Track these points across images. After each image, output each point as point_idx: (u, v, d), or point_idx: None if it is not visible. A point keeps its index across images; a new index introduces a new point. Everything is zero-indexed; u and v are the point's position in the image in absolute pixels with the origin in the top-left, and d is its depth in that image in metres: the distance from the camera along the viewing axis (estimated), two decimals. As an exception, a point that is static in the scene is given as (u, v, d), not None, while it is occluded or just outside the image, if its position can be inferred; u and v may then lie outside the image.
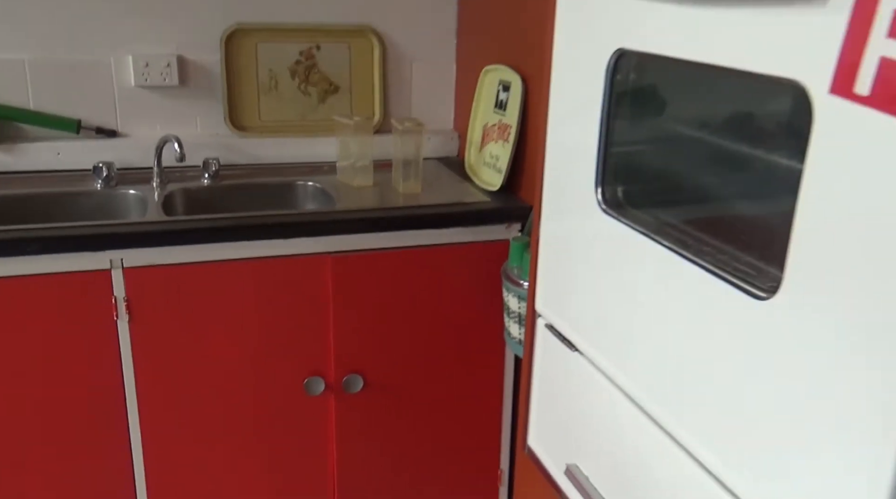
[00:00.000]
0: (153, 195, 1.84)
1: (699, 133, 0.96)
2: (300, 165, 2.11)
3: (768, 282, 0.75)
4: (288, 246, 1.68)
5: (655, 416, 0.93)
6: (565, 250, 1.11)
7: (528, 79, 1.81)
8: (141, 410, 1.67)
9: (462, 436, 1.95)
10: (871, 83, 0.60)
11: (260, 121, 2.10)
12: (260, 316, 1.69)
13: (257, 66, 2.06)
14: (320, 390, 1.78)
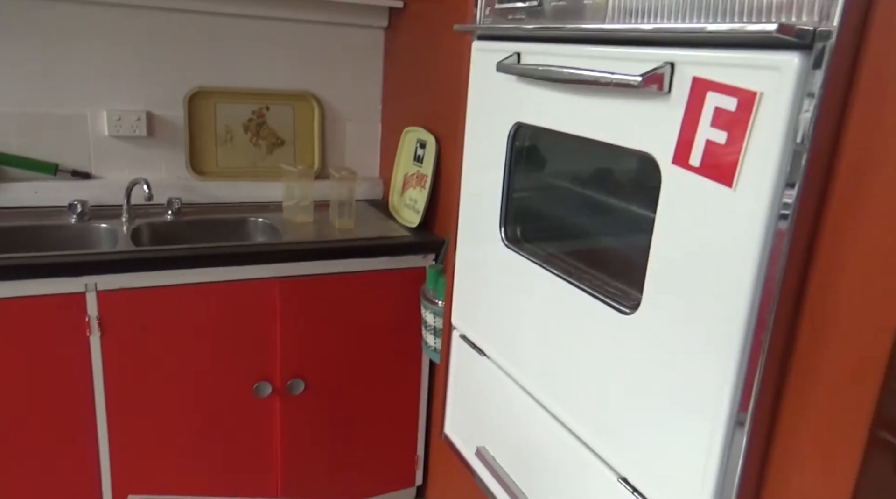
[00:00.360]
0: (122, 228, 1.80)
1: (578, 186, 1.05)
2: (251, 204, 2.10)
3: (631, 301, 0.83)
4: (242, 272, 1.67)
5: (546, 404, 0.99)
6: (476, 276, 1.17)
7: (440, 138, 1.89)
8: (109, 414, 1.62)
9: (386, 428, 1.98)
10: (701, 157, 0.70)
11: (217, 167, 2.09)
12: (217, 331, 1.68)
13: (215, 121, 2.05)
14: (267, 392, 1.77)
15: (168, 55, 1.96)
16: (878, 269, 0.58)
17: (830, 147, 0.61)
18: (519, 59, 0.99)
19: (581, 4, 0.88)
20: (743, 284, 0.66)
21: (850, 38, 0.57)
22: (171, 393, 1.67)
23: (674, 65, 0.72)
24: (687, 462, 0.75)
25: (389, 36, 2.18)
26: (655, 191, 0.76)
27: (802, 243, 0.63)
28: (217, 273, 1.64)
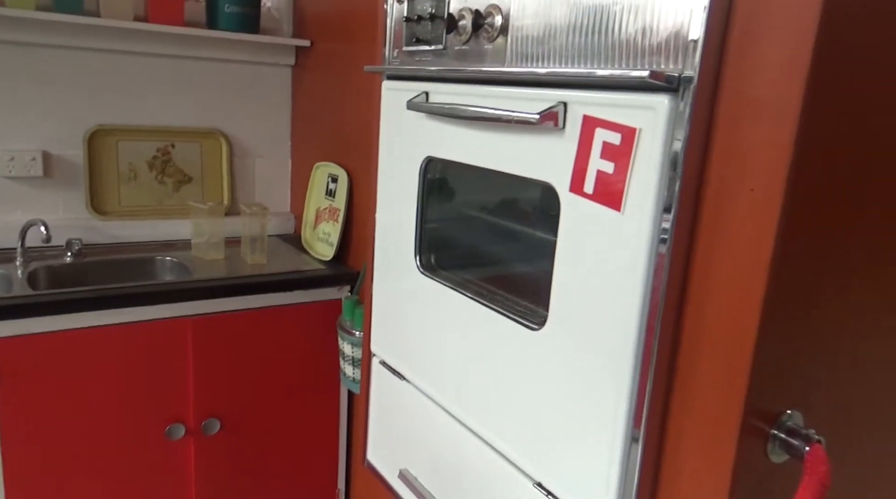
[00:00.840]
0: (17, 272, 1.71)
1: (488, 214, 1.12)
2: (158, 243, 2.05)
3: (539, 318, 0.90)
4: (150, 312, 1.63)
5: (464, 420, 1.05)
6: (393, 303, 1.22)
7: (352, 173, 1.93)
8: (6, 470, 1.52)
9: (305, 463, 1.96)
10: (593, 186, 0.78)
11: (120, 206, 2.03)
12: (125, 374, 1.62)
13: (118, 159, 2.00)
14: (180, 434, 1.72)
15: (67, 93, 1.90)
16: (738, 280, 0.68)
17: (698, 174, 0.71)
18: (427, 97, 1.06)
19: (482, 48, 0.96)
20: (632, 298, 0.74)
21: (707, 82, 0.68)
22: (77, 442, 1.59)
23: (566, 104, 0.81)
24: (592, 467, 0.81)
25: (297, 73, 2.21)
26: (556, 217, 0.84)
27: (681, 259, 0.73)
28: (123, 314, 1.59)
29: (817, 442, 0.70)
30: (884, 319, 0.80)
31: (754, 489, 0.72)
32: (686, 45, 0.68)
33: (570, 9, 0.81)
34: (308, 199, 2.10)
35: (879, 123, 0.70)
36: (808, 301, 0.71)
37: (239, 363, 1.77)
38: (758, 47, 0.65)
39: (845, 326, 0.76)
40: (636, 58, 0.74)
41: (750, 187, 0.66)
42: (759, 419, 0.71)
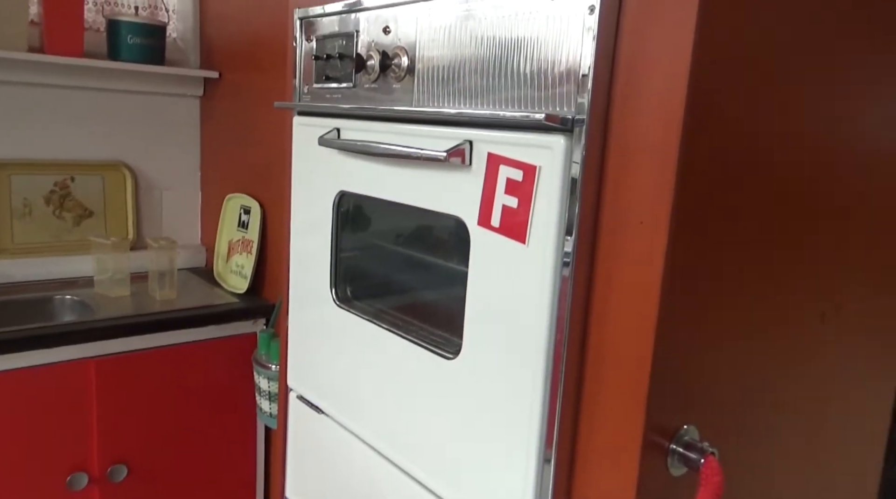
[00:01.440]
0: None
1: (403, 246, 1.14)
2: (56, 281, 1.94)
3: (454, 347, 0.92)
4: (48, 355, 1.54)
5: (383, 451, 1.05)
6: (309, 336, 1.21)
7: (265, 204, 1.91)
8: None
9: (222, 505, 1.88)
10: (500, 219, 0.82)
11: (13, 243, 1.91)
12: (23, 421, 1.51)
13: (10, 194, 1.89)
14: (83, 484, 1.62)
15: (-48, 125, 1.78)
16: (633, 306, 0.73)
17: (594, 208, 0.75)
18: (339, 134, 1.07)
19: (391, 87, 0.99)
20: (539, 326, 0.78)
21: (598, 124, 0.73)
22: (-36, 500, 1.47)
23: (472, 142, 0.84)
24: (508, 489, 0.84)
25: (206, 104, 2.17)
26: (467, 248, 0.87)
27: (581, 289, 0.77)
28: (19, 359, 1.50)
29: (711, 454, 0.76)
30: (770, 333, 0.87)
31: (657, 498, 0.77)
32: (577, 91, 0.73)
33: (472, 53, 0.85)
34: (220, 231, 2.05)
35: (746, 155, 0.77)
36: (698, 321, 0.77)
37: (148, 405, 1.69)
38: (638, 94, 0.70)
39: (735, 342, 0.83)
40: (535, 100, 0.79)
41: (640, 220, 0.71)
42: (659, 435, 0.76)
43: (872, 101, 0.93)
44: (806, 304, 0.91)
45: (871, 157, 0.96)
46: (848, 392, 1.05)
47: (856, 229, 0.97)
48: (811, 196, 0.88)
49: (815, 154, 0.87)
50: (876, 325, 1.06)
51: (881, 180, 0.99)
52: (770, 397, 0.90)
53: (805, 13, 0.79)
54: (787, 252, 0.86)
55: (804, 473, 1.01)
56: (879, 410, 1.14)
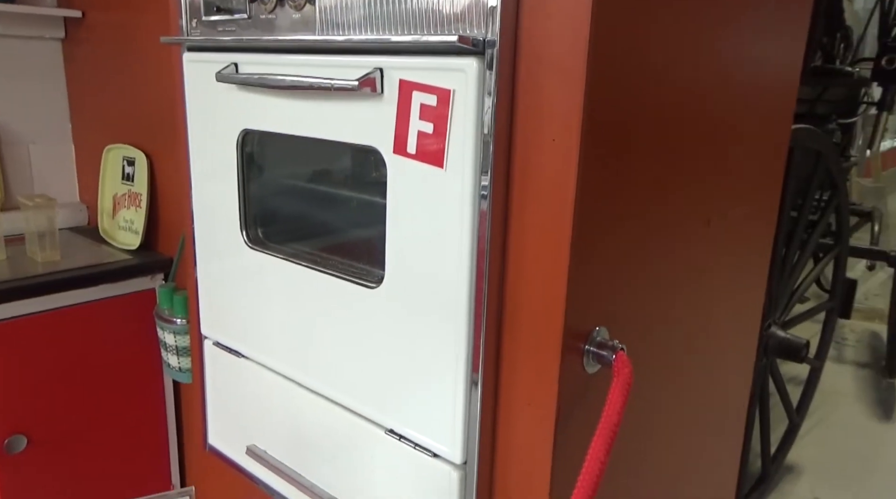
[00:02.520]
0: None
1: (317, 184, 1.13)
2: (-86, 250, 1.75)
3: (375, 277, 0.94)
4: (-80, 329, 1.41)
5: (309, 385, 1.06)
6: (222, 282, 1.18)
7: (151, 154, 1.80)
8: None
9: (131, 466, 1.83)
10: (416, 146, 0.84)
11: None
12: None
13: None
14: (-21, 461, 1.52)
15: None
16: (549, 219, 0.77)
17: (509, 127, 0.79)
18: (237, 68, 1.03)
19: (291, 17, 0.96)
20: (461, 248, 0.81)
21: (508, 46, 0.75)
22: None
23: (382, 70, 0.84)
24: (439, 405, 0.88)
25: (69, 48, 1.98)
26: (384, 179, 0.88)
27: (500, 206, 0.81)
28: None
29: (621, 350, 0.83)
30: (666, 238, 0.96)
31: (576, 397, 0.84)
32: (487, 12, 0.75)
33: (376, -23, 0.84)
34: (102, 186, 1.91)
35: (644, 78, 0.83)
36: (606, 231, 0.83)
37: (44, 371, 1.59)
38: (547, 17, 0.73)
39: (637, 249, 0.90)
40: (445, 24, 0.79)
41: (552, 138, 0.75)
42: (574, 338, 0.82)
43: (751, 38, 1.01)
44: (694, 212, 1.01)
45: (746, 86, 1.05)
46: (732, 287, 1.18)
47: (733, 148, 1.07)
48: (698, 117, 0.95)
49: (701, 81, 0.94)
50: (749, 229, 1.19)
51: (745, 111, 1.08)
52: (669, 296, 1.00)
53: (689, -63, 0.84)
54: (678, 167, 0.94)
55: (702, 360, 1.13)
56: (755, 301, 1.29)
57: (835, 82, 2.16)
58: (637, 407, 0.97)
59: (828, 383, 2.97)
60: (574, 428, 0.85)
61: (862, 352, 3.32)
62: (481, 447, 0.87)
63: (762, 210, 1.21)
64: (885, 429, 2.61)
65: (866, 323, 3.62)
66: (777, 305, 1.86)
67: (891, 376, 3.02)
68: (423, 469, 0.92)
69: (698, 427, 1.19)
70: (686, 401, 1.12)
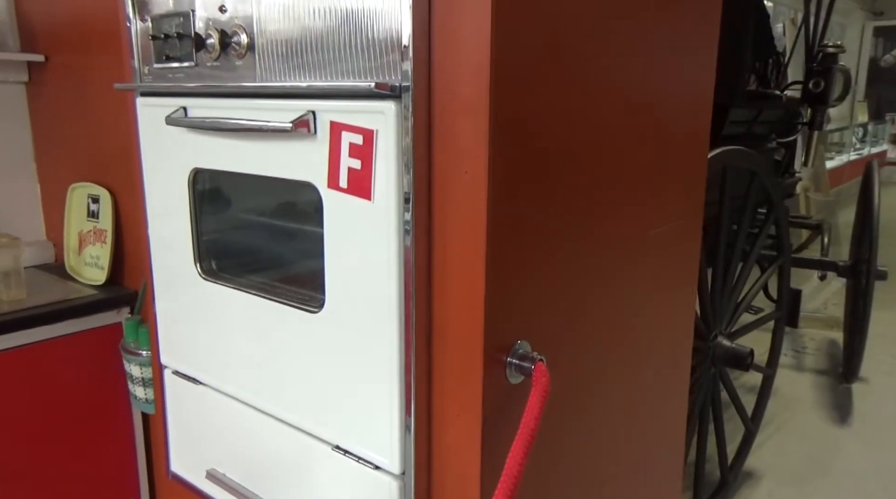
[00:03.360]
0: None
1: (263, 217, 1.20)
2: None
3: (318, 302, 1.01)
4: None
5: (261, 407, 1.12)
6: (178, 313, 1.24)
7: (115, 191, 1.86)
8: None
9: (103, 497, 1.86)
10: (347, 180, 0.92)
11: None
12: None
13: None
14: (-54, 500, 1.55)
15: None
16: (466, 243, 0.85)
17: (427, 162, 0.87)
18: (186, 112, 1.10)
19: (234, 64, 1.04)
20: (389, 270, 0.89)
21: (422, 90, 0.84)
22: None
23: (315, 112, 0.93)
24: (377, 419, 0.95)
25: (34, 90, 2.05)
26: (321, 211, 0.95)
27: (423, 234, 0.89)
28: None
29: (540, 361, 0.91)
30: (584, 259, 1.04)
31: (502, 406, 0.92)
32: (401, 60, 0.84)
33: (308, 29, 0.93)
34: (67, 223, 1.97)
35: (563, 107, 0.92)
36: (521, 254, 0.91)
37: (12, 407, 1.63)
38: (454, 63, 0.82)
39: (556, 269, 0.98)
40: (368, 71, 0.88)
41: (465, 170, 0.84)
42: (497, 351, 0.90)
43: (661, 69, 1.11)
44: (612, 233, 1.10)
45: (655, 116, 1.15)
46: (656, 300, 1.27)
47: (649, 173, 1.16)
48: (610, 146, 1.05)
49: (612, 112, 1.04)
50: (672, 247, 1.28)
51: (661, 135, 1.18)
52: (591, 311, 1.08)
53: None
54: (593, 192, 1.03)
55: (629, 369, 1.21)
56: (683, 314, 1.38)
57: (767, 105, 2.29)
58: (563, 412, 1.04)
59: (787, 390, 3.07)
60: (501, 435, 0.92)
61: (821, 360, 3.44)
62: (417, 457, 0.94)
63: (684, 228, 1.31)
64: (841, 433, 2.71)
65: (825, 332, 3.75)
66: (722, 316, 1.96)
67: (847, 381, 3.13)
68: (366, 482, 0.99)
69: (633, 433, 1.27)
70: (616, 407, 1.20)
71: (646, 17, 1.07)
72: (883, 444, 2.61)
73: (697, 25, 1.22)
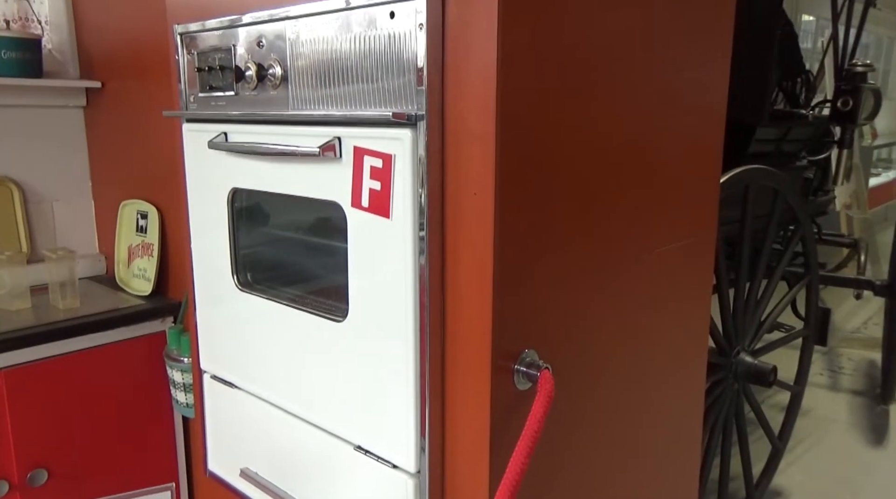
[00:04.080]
0: None
1: (295, 233, 1.30)
2: (-50, 300, 1.95)
3: (342, 312, 1.10)
4: (-46, 371, 1.59)
5: (291, 409, 1.21)
6: (217, 321, 1.35)
7: (162, 208, 2.00)
8: None
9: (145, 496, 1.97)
10: (368, 200, 1.00)
11: None
12: (-65, 438, 1.56)
13: None
14: (4, 491, 1.68)
15: None
16: (475, 259, 0.93)
17: (440, 184, 0.95)
18: (226, 137, 1.21)
19: (269, 94, 1.15)
20: (406, 282, 0.97)
21: (436, 119, 0.93)
22: None
23: (340, 138, 1.02)
24: (396, 421, 1.03)
25: (91, 114, 2.21)
26: (346, 228, 1.04)
27: (437, 250, 0.97)
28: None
29: (546, 369, 0.98)
30: (594, 274, 1.11)
31: (509, 411, 0.98)
32: (417, 93, 0.92)
33: (335, 64, 1.03)
34: (118, 237, 2.11)
35: (556, 135, 0.99)
36: (530, 267, 0.99)
37: (64, 409, 1.76)
38: (464, 95, 0.90)
39: (563, 284, 1.05)
40: (388, 101, 0.97)
41: (474, 191, 0.92)
42: (505, 359, 0.97)
43: (669, 88, 1.18)
44: (620, 248, 1.16)
45: (663, 136, 1.21)
46: (668, 315, 1.32)
47: (657, 192, 1.22)
48: (615, 166, 1.11)
49: (618, 132, 1.10)
50: (683, 264, 1.33)
51: (670, 154, 1.24)
52: (599, 323, 1.14)
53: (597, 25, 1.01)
54: (599, 210, 1.10)
55: (639, 380, 1.27)
56: (697, 329, 1.42)
57: (796, 123, 2.31)
58: (568, 419, 1.11)
59: (822, 410, 3.04)
60: (510, 439, 0.99)
61: (858, 380, 3.38)
62: (431, 457, 1.01)
63: (696, 246, 1.36)
64: (876, 454, 2.67)
65: (864, 352, 3.68)
66: (744, 333, 1.98)
67: (885, 403, 3.08)
68: (385, 480, 1.07)
69: (641, 444, 1.32)
70: (622, 417, 1.25)
71: (652, 37, 1.13)
72: (920, 467, 2.57)
73: (708, 43, 1.28)
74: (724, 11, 1.31)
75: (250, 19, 1.15)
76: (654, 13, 1.13)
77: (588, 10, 1.00)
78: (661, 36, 1.15)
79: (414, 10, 0.91)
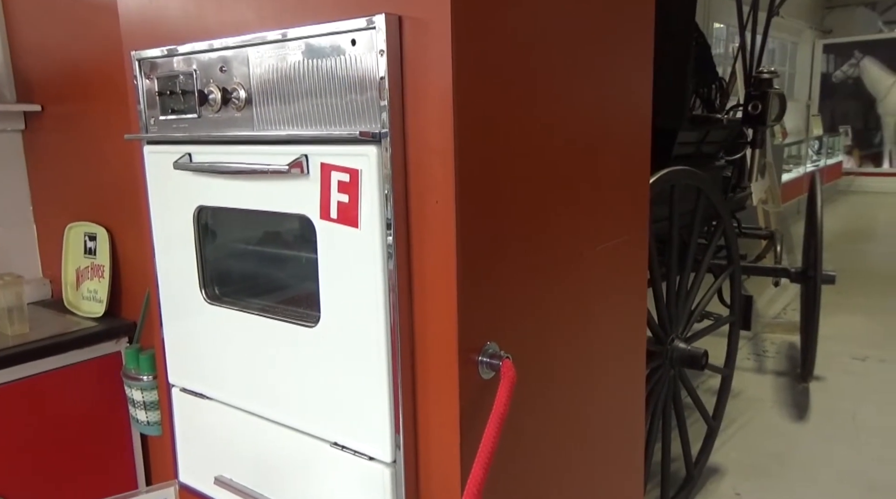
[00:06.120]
0: None
1: (263, 246, 1.36)
2: None
3: (314, 319, 1.17)
4: None
5: (264, 414, 1.27)
6: (185, 335, 1.39)
7: (112, 229, 2.00)
8: None
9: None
10: (336, 212, 1.09)
11: None
12: None
13: None
14: (-39, 525, 1.66)
15: None
16: (439, 260, 1.03)
17: (405, 194, 1.05)
18: (191, 158, 1.27)
19: (233, 116, 1.21)
20: (376, 289, 1.06)
21: (398, 135, 1.02)
22: None
23: (307, 155, 1.10)
24: (369, 416, 1.11)
25: (30, 137, 2.19)
26: (315, 239, 1.12)
27: (403, 255, 1.06)
28: None
29: (506, 358, 1.08)
30: (545, 269, 1.22)
31: (476, 399, 1.08)
32: (380, 112, 1.02)
33: (298, 86, 1.11)
34: (65, 260, 2.10)
35: (510, 144, 1.11)
36: (489, 267, 1.09)
37: (19, 435, 1.75)
38: (424, 113, 1.00)
39: (519, 279, 1.16)
40: (353, 119, 1.06)
41: (436, 200, 1.02)
42: (470, 352, 1.07)
43: (601, 101, 1.31)
44: (567, 247, 1.28)
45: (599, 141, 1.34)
46: (610, 306, 1.45)
47: (595, 195, 1.35)
48: (561, 175, 1.24)
49: (559, 145, 1.23)
50: (621, 259, 1.47)
51: (606, 158, 1.38)
52: (552, 316, 1.26)
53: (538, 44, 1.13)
54: (548, 214, 1.22)
55: (587, 366, 1.39)
56: (636, 319, 1.56)
57: (712, 127, 2.52)
58: (528, 404, 1.22)
59: (750, 392, 3.28)
60: (477, 425, 1.09)
61: (780, 362, 3.66)
62: (405, 446, 1.10)
63: (631, 242, 1.50)
64: (799, 428, 2.91)
65: (785, 335, 3.98)
66: (678, 321, 2.16)
67: (805, 381, 3.35)
68: (362, 472, 1.14)
69: (592, 425, 1.44)
70: (575, 400, 1.37)
71: (585, 53, 1.27)
72: (837, 437, 2.82)
73: (633, 56, 1.43)
74: (644, 25, 1.46)
75: (210, 46, 1.21)
76: (585, 32, 1.26)
77: (531, 31, 1.12)
78: (592, 52, 1.28)
79: (373, 38, 1.00)
